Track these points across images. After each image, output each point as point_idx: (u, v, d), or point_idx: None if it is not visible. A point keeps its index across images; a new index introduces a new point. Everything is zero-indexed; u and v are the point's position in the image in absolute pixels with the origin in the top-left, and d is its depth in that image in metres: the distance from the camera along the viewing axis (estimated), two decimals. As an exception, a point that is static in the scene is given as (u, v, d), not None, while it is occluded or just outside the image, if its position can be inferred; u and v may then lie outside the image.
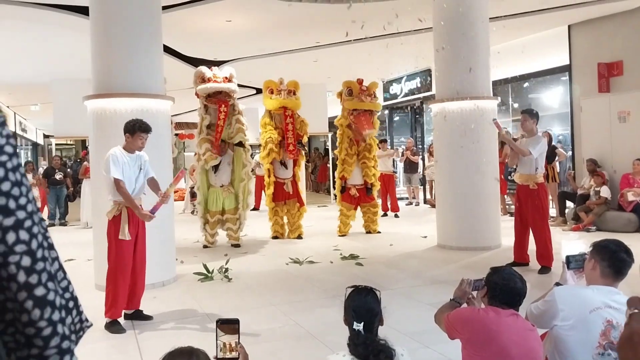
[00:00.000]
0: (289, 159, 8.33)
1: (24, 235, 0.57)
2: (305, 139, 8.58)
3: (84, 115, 5.79)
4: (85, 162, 10.00)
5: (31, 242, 0.58)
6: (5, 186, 0.56)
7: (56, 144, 14.02)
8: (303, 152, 8.60)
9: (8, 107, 15.82)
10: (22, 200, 0.58)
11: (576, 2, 7.95)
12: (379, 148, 10.93)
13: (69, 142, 16.98)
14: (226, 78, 7.61)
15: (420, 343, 3.78)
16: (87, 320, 0.70)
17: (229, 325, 1.93)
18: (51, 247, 0.66)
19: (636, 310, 1.39)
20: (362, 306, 2.06)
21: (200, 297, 5.24)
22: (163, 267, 5.75)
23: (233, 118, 7.65)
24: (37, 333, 0.58)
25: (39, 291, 0.58)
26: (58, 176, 10.83)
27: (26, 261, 0.57)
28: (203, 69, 7.67)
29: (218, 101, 7.45)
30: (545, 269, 5.82)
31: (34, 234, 0.58)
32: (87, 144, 6.24)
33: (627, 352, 1.35)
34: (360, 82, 8.44)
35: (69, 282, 0.71)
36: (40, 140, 23.52)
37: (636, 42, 8.30)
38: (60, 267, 0.68)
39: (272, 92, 8.27)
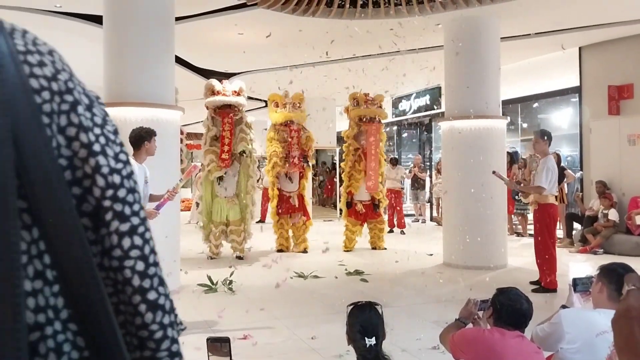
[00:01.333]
0: (293, 172, 8.34)
1: (138, 240, 0.59)
2: (310, 154, 8.54)
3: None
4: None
5: (144, 247, 0.60)
6: (122, 193, 0.58)
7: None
8: (310, 165, 8.58)
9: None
10: (136, 207, 0.60)
11: (587, 24, 7.97)
12: (388, 164, 10.95)
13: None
14: (235, 92, 7.67)
15: (424, 362, 3.73)
16: (181, 323, 0.71)
17: (219, 344, 1.90)
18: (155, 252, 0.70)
19: (633, 287, 1.38)
20: (368, 321, 2.08)
21: (203, 308, 5.22)
22: (167, 278, 5.72)
23: (237, 128, 7.68)
24: (150, 336, 0.60)
25: (152, 295, 0.60)
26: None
27: (140, 266, 0.59)
28: (213, 82, 7.74)
29: (223, 113, 7.50)
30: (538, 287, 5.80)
31: (146, 240, 0.60)
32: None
33: (623, 326, 1.34)
34: (366, 95, 8.58)
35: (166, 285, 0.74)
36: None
37: (647, 66, 8.30)
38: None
39: (277, 106, 8.32)
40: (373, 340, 2.01)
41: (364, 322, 2.07)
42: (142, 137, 4.32)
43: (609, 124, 8.80)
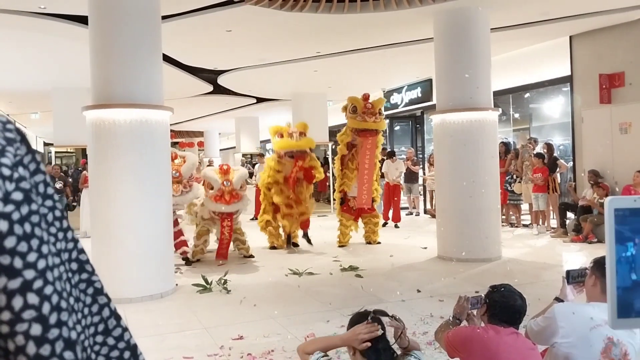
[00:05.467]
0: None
1: (33, 299, 0.49)
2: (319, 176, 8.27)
3: (84, 123, 5.78)
4: (84, 172, 9.97)
5: (42, 306, 0.49)
6: (10, 242, 0.48)
7: (56, 152, 14.00)
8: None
9: (8, 115, 15.84)
10: (32, 257, 0.49)
11: (577, 13, 7.96)
12: (386, 159, 10.91)
13: (69, 150, 16.99)
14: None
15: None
16: None
17: None
18: (92, 299, 0.60)
19: None
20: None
21: (198, 309, 5.19)
22: (161, 279, 5.71)
23: None
24: None
25: None
26: (58, 185, 10.81)
27: (36, 329, 0.49)
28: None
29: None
30: None
31: (45, 296, 0.50)
32: (87, 153, 6.24)
33: None
34: (365, 98, 8.15)
35: (124, 330, 0.64)
36: (40, 148, 23.57)
37: (638, 54, 8.29)
38: (106, 318, 0.62)
39: (281, 136, 7.87)
40: (380, 331, 2.02)
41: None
42: None
43: (601, 113, 8.82)
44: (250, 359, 3.81)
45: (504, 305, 2.34)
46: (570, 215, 9.17)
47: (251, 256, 7.66)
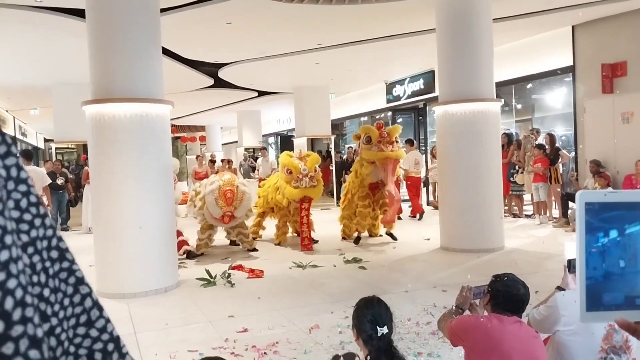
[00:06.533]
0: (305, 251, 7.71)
1: None
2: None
3: (84, 119, 5.77)
4: (86, 167, 9.98)
5: (4, 301, 0.46)
6: None
7: (57, 148, 13.99)
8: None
9: (7, 111, 15.85)
10: None
11: (580, 2, 7.90)
12: (405, 144, 10.81)
13: (70, 146, 16.99)
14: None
15: (424, 348, 3.73)
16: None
17: None
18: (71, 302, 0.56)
19: None
20: (378, 313, 2.08)
21: (203, 302, 5.21)
22: (165, 273, 5.73)
23: None
24: None
25: None
26: (59, 181, 10.81)
27: None
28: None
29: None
30: None
31: (8, 290, 0.47)
32: (87, 148, 6.22)
33: None
34: (379, 126, 7.59)
35: (107, 321, 0.60)
36: (41, 144, 23.58)
37: (640, 43, 8.24)
38: (89, 308, 0.59)
39: (290, 173, 7.31)
40: (385, 329, 2.02)
41: (374, 313, 2.07)
42: None
43: (603, 103, 8.77)
44: (255, 351, 3.83)
45: (507, 295, 2.35)
46: (572, 205, 9.16)
47: (254, 249, 7.68)
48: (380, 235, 8.62)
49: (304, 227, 7.62)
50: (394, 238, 8.13)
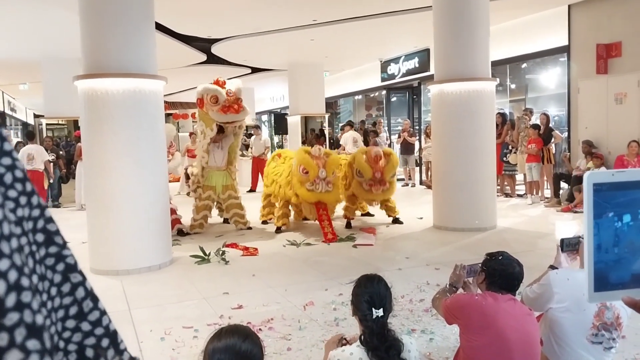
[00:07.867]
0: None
1: None
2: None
3: (75, 94, 5.68)
4: (79, 144, 9.88)
5: None
6: None
7: (47, 124, 13.80)
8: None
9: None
10: None
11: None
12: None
13: (60, 122, 16.76)
14: (240, 100, 7.14)
15: (417, 324, 3.79)
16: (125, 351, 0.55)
17: None
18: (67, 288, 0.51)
19: None
20: (377, 293, 2.04)
21: (197, 280, 5.23)
22: (159, 250, 5.73)
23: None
24: None
25: (13, 356, 0.41)
26: (50, 157, 10.70)
27: None
28: (217, 90, 7.06)
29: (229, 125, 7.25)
30: None
31: (0, 272, 0.42)
32: (79, 125, 6.09)
33: None
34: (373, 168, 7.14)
35: (102, 314, 0.55)
36: (31, 120, 23.25)
37: (635, 23, 8.21)
38: (81, 299, 0.53)
39: (306, 173, 6.64)
40: (380, 312, 1.99)
41: (373, 293, 2.03)
42: None
43: (597, 83, 8.78)
44: (250, 327, 3.86)
45: (502, 273, 2.38)
46: (564, 185, 9.24)
47: (249, 228, 7.68)
48: (373, 215, 8.61)
49: (324, 223, 6.97)
50: (400, 222, 7.89)
